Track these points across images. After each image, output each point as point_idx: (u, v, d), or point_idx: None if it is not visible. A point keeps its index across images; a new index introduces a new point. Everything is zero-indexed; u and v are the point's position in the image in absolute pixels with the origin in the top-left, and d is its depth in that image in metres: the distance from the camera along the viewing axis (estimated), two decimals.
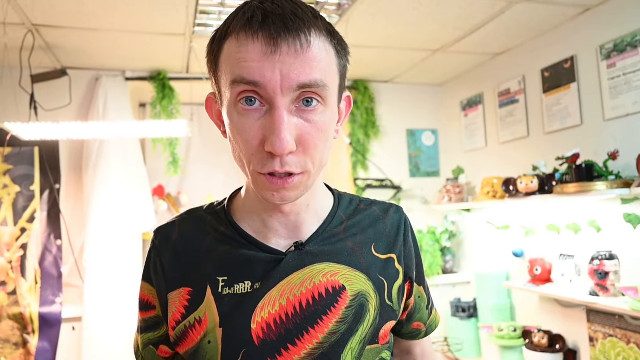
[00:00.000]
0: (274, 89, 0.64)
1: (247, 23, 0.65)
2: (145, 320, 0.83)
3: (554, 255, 2.64)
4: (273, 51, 0.63)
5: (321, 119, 0.68)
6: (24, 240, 2.84)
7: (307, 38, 0.65)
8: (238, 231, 0.79)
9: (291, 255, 0.77)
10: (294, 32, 0.64)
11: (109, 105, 2.97)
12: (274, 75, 0.63)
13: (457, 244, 3.62)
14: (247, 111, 0.66)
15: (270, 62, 0.63)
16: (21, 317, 2.77)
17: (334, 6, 2.39)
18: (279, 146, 0.63)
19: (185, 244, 0.80)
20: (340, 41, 0.72)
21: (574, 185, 2.27)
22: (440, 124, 3.80)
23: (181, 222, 0.84)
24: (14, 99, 2.66)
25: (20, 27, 2.39)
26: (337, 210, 0.84)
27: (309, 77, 0.65)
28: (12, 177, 2.85)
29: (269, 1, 0.67)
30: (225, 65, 0.68)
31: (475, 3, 2.35)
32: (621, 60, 2.32)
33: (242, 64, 0.65)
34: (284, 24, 0.64)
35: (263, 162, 0.67)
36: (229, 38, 0.68)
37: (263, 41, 0.64)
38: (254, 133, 0.66)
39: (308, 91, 0.66)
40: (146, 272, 0.83)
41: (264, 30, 0.64)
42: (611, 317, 2.35)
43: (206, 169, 3.56)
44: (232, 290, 0.75)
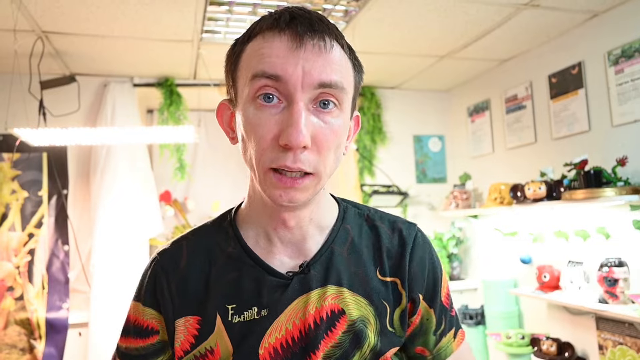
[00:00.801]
0: (295, 84, 0.65)
1: (275, 22, 0.67)
2: (146, 347, 0.79)
3: (563, 262, 2.62)
4: (298, 47, 0.65)
5: (336, 122, 0.69)
6: (31, 246, 2.86)
7: (331, 41, 0.67)
8: (246, 251, 0.78)
9: (297, 279, 0.75)
10: (319, 33, 0.66)
11: (117, 111, 2.99)
12: (297, 71, 0.65)
13: (464, 250, 3.60)
14: (265, 107, 0.67)
15: (294, 58, 0.65)
16: (28, 323, 2.78)
17: (341, 13, 2.40)
18: (296, 137, 0.63)
19: (194, 272, 0.78)
20: (357, 59, 0.74)
21: (582, 191, 2.25)
22: (447, 130, 3.79)
23: (189, 247, 0.81)
24: (23, 105, 2.68)
25: (30, 34, 2.41)
26: (341, 224, 0.81)
27: (329, 76, 0.66)
28: (21, 183, 2.87)
29: (296, 7, 0.69)
30: (247, 63, 0.69)
31: (482, 10, 2.35)
32: (629, 67, 2.31)
33: (265, 59, 0.66)
34: (310, 25, 0.66)
35: (277, 156, 0.66)
36: (254, 39, 0.69)
37: (289, 37, 0.66)
38: (269, 128, 0.66)
39: (326, 92, 0.67)
40: (148, 295, 0.79)
41: (291, 28, 0.66)
42: (621, 325, 2.32)
43: (213, 175, 3.57)
44: (242, 318, 0.74)
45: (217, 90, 3.28)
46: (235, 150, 3.63)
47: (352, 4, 2.29)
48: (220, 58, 2.88)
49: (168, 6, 2.20)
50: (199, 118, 3.58)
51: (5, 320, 2.75)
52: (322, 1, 2.27)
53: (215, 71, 3.12)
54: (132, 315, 0.81)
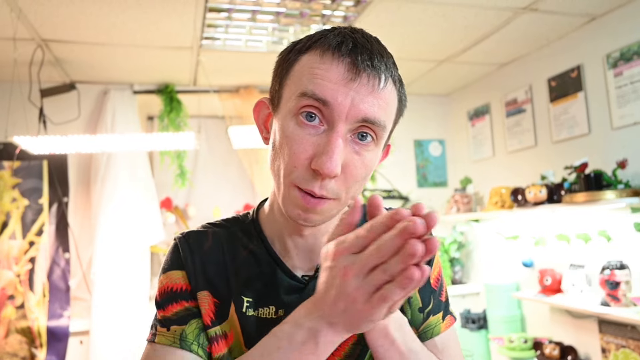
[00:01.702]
0: (340, 113, 0.65)
1: (337, 46, 0.66)
2: (189, 308, 0.77)
3: (565, 265, 2.62)
4: (353, 79, 0.65)
5: (369, 156, 0.70)
6: (32, 254, 2.85)
7: (386, 79, 0.67)
8: (267, 248, 0.80)
9: (312, 283, 0.77)
10: (377, 69, 0.66)
11: (117, 118, 3.00)
12: (345, 101, 0.65)
13: (466, 254, 3.59)
14: (305, 125, 0.67)
15: (346, 88, 0.65)
16: (29, 331, 2.77)
17: (340, 19, 2.41)
18: (328, 167, 0.64)
19: (216, 256, 0.80)
20: (404, 93, 0.74)
21: (583, 194, 2.25)
22: (447, 134, 3.80)
23: (214, 233, 0.82)
24: (23, 113, 2.69)
25: (30, 42, 2.42)
26: None
27: (375, 114, 0.66)
28: (21, 191, 2.87)
29: (360, 34, 0.69)
30: (298, 77, 0.69)
31: (481, 14, 2.36)
32: (628, 69, 2.31)
33: (317, 81, 0.66)
34: (370, 59, 0.66)
35: (305, 178, 0.67)
36: (311, 52, 0.69)
37: (347, 67, 0.65)
38: (304, 147, 0.67)
39: (367, 126, 0.67)
40: (176, 261, 0.79)
41: (352, 58, 0.65)
42: (623, 327, 2.31)
43: (214, 182, 3.57)
44: (257, 313, 0.76)
45: (217, 97, 3.29)
46: (235, 156, 3.61)
47: (351, 9, 2.30)
48: (219, 65, 2.91)
49: (168, 13, 2.21)
50: (199, 124, 3.59)
51: (6, 329, 2.75)
52: (321, 7, 2.28)
53: (215, 77, 3.13)
54: (166, 285, 0.79)
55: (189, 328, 0.77)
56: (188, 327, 0.77)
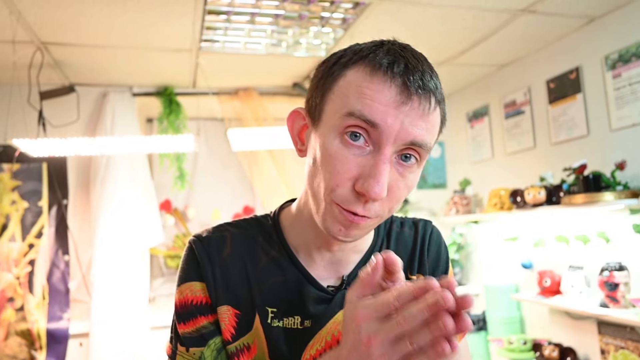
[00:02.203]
0: (389, 136, 0.63)
1: (389, 66, 0.64)
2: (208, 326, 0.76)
3: (564, 266, 2.62)
4: (404, 102, 0.63)
5: (412, 177, 0.69)
6: (32, 257, 2.85)
7: (435, 103, 0.66)
8: (290, 257, 0.78)
9: (339, 294, 0.77)
10: (427, 93, 0.64)
11: (116, 121, 3.00)
12: (395, 124, 0.63)
13: (465, 256, 3.59)
14: (351, 145, 0.65)
15: (396, 111, 0.63)
16: (29, 334, 2.77)
17: (339, 21, 2.41)
18: (376, 192, 0.63)
19: (237, 265, 0.77)
20: (445, 110, 0.72)
21: (582, 196, 2.25)
22: (446, 135, 3.80)
23: (233, 238, 0.79)
24: (22, 116, 2.69)
25: (30, 45, 2.43)
26: (377, 239, 0.84)
27: (423, 137, 0.65)
28: (21, 194, 2.88)
29: (410, 52, 0.67)
30: (345, 93, 0.66)
31: (480, 16, 2.36)
32: (627, 71, 2.32)
33: (366, 101, 0.63)
34: (422, 81, 0.64)
35: (347, 199, 0.65)
36: (358, 68, 0.66)
37: (398, 90, 0.63)
38: (349, 167, 0.65)
39: (413, 149, 0.66)
40: (195, 272, 0.76)
41: (403, 80, 0.64)
42: (622, 329, 2.31)
43: (213, 184, 3.57)
44: (282, 324, 0.75)
45: (216, 99, 3.30)
46: (235, 158, 3.61)
47: (350, 11, 2.30)
48: (218, 67, 2.91)
49: (167, 16, 2.21)
50: (198, 127, 3.59)
51: (6, 331, 2.75)
52: (320, 9, 2.28)
53: (214, 80, 3.13)
54: (185, 297, 0.77)
55: (208, 350, 0.76)
56: (207, 350, 0.76)
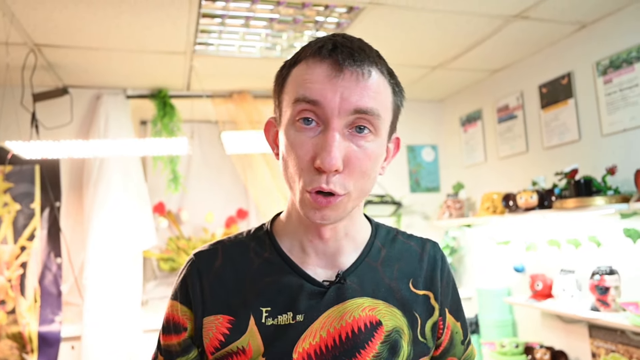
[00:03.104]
0: (332, 109, 0.69)
1: (318, 50, 0.72)
2: (180, 343, 0.82)
3: (555, 270, 2.64)
4: (337, 75, 0.69)
5: (370, 147, 0.72)
6: (24, 259, 2.84)
7: (370, 70, 0.71)
8: (282, 257, 0.81)
9: (333, 288, 0.79)
10: (359, 62, 0.70)
11: (110, 123, 2.99)
12: (335, 97, 0.69)
13: (458, 259, 3.61)
14: (304, 129, 0.71)
15: (333, 85, 0.69)
16: (20, 337, 2.75)
17: (333, 25, 2.42)
18: (328, 162, 0.67)
19: (229, 272, 0.81)
20: (398, 83, 0.78)
21: (573, 200, 2.27)
22: (440, 139, 3.82)
23: (224, 249, 0.84)
24: (15, 118, 2.68)
25: (23, 47, 2.42)
26: (374, 240, 0.86)
27: (366, 104, 0.70)
28: (13, 196, 2.86)
29: (340, 36, 0.74)
30: (291, 87, 0.73)
31: (473, 21, 2.38)
32: (617, 77, 2.34)
33: (307, 85, 0.70)
34: (350, 54, 0.70)
35: (311, 178, 0.70)
36: (299, 64, 0.74)
37: (330, 66, 0.70)
38: (306, 149, 0.70)
39: (362, 118, 0.70)
40: (182, 293, 0.82)
41: (332, 57, 0.70)
42: (613, 332, 2.33)
43: (207, 186, 3.57)
44: (276, 322, 0.77)
45: (211, 102, 3.30)
46: (228, 161, 3.61)
47: (344, 16, 2.32)
48: (213, 70, 2.91)
49: (161, 19, 2.21)
50: (192, 129, 3.59)
51: None
52: (315, 13, 2.29)
53: (208, 83, 3.14)
54: (169, 313, 0.84)
55: None
56: None
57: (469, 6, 2.22)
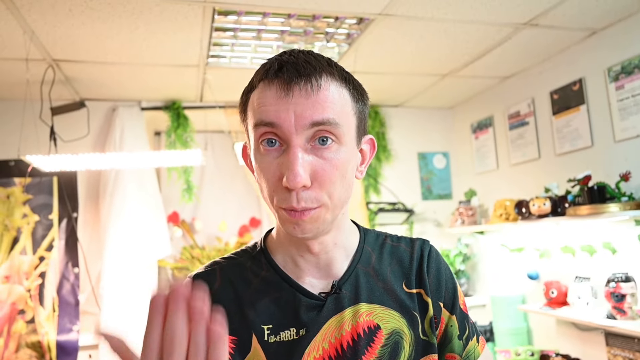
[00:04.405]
0: (289, 128, 0.69)
1: (266, 73, 0.72)
2: None
3: (570, 277, 2.62)
4: (286, 94, 0.70)
5: (336, 157, 0.72)
6: (42, 269, 2.89)
7: (318, 82, 0.71)
8: (279, 274, 0.82)
9: (330, 299, 0.80)
10: (305, 77, 0.70)
11: (125, 134, 3.05)
12: (288, 116, 0.69)
13: (471, 266, 3.60)
14: (268, 151, 0.72)
15: (284, 105, 0.70)
16: (39, 346, 2.80)
17: (343, 36, 2.45)
18: (292, 180, 0.68)
19: (227, 294, 0.81)
20: (356, 87, 0.77)
21: (586, 207, 2.26)
22: (451, 146, 3.82)
23: (222, 270, 0.84)
24: (35, 131, 2.74)
25: (42, 62, 2.48)
26: (364, 245, 0.87)
27: (321, 115, 0.70)
28: (32, 207, 2.92)
29: (287, 54, 0.74)
30: (251, 112, 0.75)
31: (482, 29, 2.40)
32: (629, 82, 2.33)
33: (262, 109, 0.71)
34: (296, 71, 0.70)
35: (283, 197, 0.71)
36: (255, 89, 0.75)
37: (278, 86, 0.70)
38: (273, 170, 0.71)
39: (322, 130, 0.70)
40: None
41: (279, 77, 0.71)
42: (631, 340, 2.31)
43: (220, 196, 3.60)
44: (279, 338, 0.77)
45: (223, 112, 3.34)
46: (241, 170, 3.64)
47: (353, 27, 2.35)
48: (225, 81, 2.96)
49: (175, 33, 2.26)
50: (205, 139, 3.64)
51: (17, 344, 2.78)
52: (325, 25, 2.33)
53: (221, 94, 3.18)
54: None
55: None
56: None
57: (478, 15, 2.23)
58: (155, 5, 2.00)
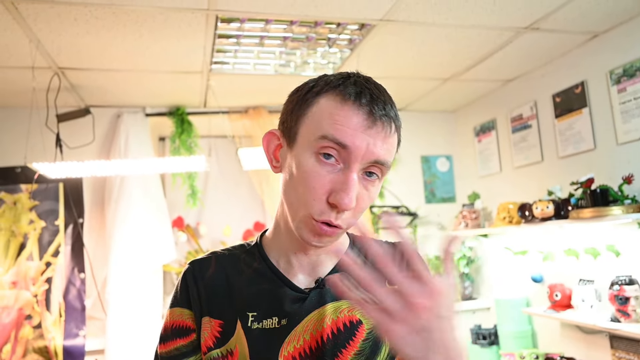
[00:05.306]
0: (357, 156, 0.74)
1: (357, 96, 0.75)
2: (187, 345, 0.87)
3: (574, 280, 2.62)
4: (370, 127, 0.74)
5: (374, 190, 0.79)
6: (49, 275, 2.92)
7: (394, 127, 0.77)
8: (269, 266, 0.87)
9: (313, 293, 0.85)
10: (389, 119, 0.76)
11: (130, 140, 3.08)
12: (362, 145, 0.73)
13: (475, 269, 3.60)
14: (324, 163, 0.75)
15: (363, 134, 0.73)
16: (46, 351, 2.82)
17: (345, 41, 2.47)
18: (347, 202, 0.73)
19: (220, 280, 0.88)
20: (400, 136, 0.82)
21: (589, 210, 2.27)
22: (454, 150, 3.83)
23: (217, 259, 0.91)
24: (41, 138, 2.77)
25: (47, 70, 2.51)
26: (352, 248, 0.93)
27: (384, 157, 0.76)
28: (38, 213, 2.95)
29: (373, 84, 0.78)
30: (318, 118, 0.76)
31: (483, 34, 2.41)
32: (631, 85, 2.34)
33: (338, 126, 0.74)
34: (384, 110, 0.75)
35: (322, 210, 0.75)
36: (329, 96, 0.77)
37: (365, 116, 0.74)
38: (323, 183, 0.75)
39: (376, 166, 0.76)
40: (183, 298, 0.88)
41: (369, 108, 0.74)
42: (635, 343, 2.31)
43: (224, 200, 3.62)
44: (261, 325, 0.82)
45: (227, 118, 3.36)
46: (245, 175, 3.64)
47: (355, 32, 2.36)
48: (229, 87, 2.98)
49: (178, 40, 2.28)
50: (209, 145, 3.66)
51: (24, 349, 2.80)
52: (327, 31, 2.34)
53: (224, 100, 3.20)
54: (169, 321, 0.89)
55: None
56: None
57: (479, 19, 2.25)
58: (159, 14, 2.02)
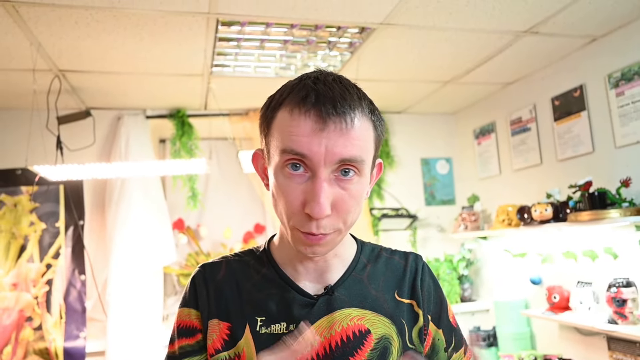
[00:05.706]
0: (319, 161, 0.72)
1: (302, 101, 0.73)
2: (192, 345, 0.88)
3: (572, 282, 2.63)
4: (321, 129, 0.72)
5: (355, 188, 0.76)
6: (49, 276, 2.93)
7: (352, 119, 0.73)
8: (278, 273, 0.88)
9: (322, 299, 0.84)
10: (341, 113, 0.72)
11: (130, 142, 3.09)
12: (320, 150, 0.72)
13: (474, 272, 3.61)
14: (292, 175, 0.74)
15: (318, 138, 0.72)
16: (47, 352, 2.83)
17: (346, 45, 2.48)
18: (318, 211, 0.71)
19: (230, 284, 0.88)
20: (378, 116, 0.80)
21: (587, 213, 2.28)
22: (454, 152, 3.84)
23: (228, 263, 0.92)
24: (42, 140, 2.78)
25: (48, 73, 2.52)
26: (360, 256, 0.92)
27: (350, 153, 0.73)
28: (39, 215, 2.96)
29: (322, 83, 0.75)
30: (277, 133, 0.75)
31: (483, 37, 2.42)
32: (630, 89, 2.35)
33: (293, 137, 0.73)
34: (333, 106, 0.72)
35: (302, 222, 0.75)
36: (283, 109, 0.75)
37: (314, 119, 0.72)
38: (296, 195, 0.74)
39: (347, 164, 0.74)
40: (191, 299, 0.89)
41: (316, 110, 0.72)
42: (632, 345, 2.32)
43: (225, 202, 3.63)
44: (270, 330, 0.82)
45: (228, 120, 3.37)
46: (245, 177, 3.66)
47: (356, 35, 2.37)
48: (229, 90, 3.00)
49: (179, 43, 2.29)
50: (210, 147, 3.67)
51: (25, 350, 2.81)
52: (328, 34, 2.35)
53: (225, 102, 3.22)
54: (178, 321, 0.90)
55: None
56: None
57: (479, 23, 2.26)
58: (159, 17, 2.03)
